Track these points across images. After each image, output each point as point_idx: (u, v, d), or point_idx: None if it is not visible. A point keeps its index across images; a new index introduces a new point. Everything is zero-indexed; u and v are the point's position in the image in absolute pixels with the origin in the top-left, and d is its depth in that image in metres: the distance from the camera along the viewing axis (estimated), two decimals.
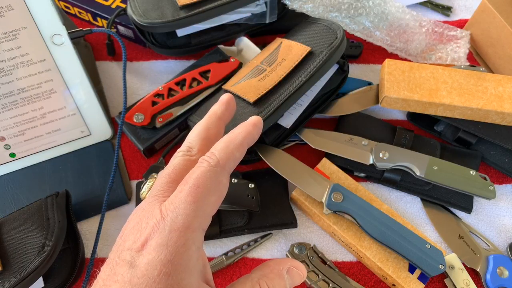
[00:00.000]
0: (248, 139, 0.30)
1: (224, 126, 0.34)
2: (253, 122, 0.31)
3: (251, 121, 0.31)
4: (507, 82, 0.57)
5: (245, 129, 0.30)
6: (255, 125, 0.31)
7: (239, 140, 0.29)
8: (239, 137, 0.30)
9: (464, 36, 0.68)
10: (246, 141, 0.30)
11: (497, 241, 0.54)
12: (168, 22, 0.55)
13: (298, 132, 0.57)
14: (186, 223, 0.25)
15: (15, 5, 0.46)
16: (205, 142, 0.31)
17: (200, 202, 0.26)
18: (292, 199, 0.54)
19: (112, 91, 0.64)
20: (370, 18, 0.63)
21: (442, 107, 0.55)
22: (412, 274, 0.48)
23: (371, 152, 0.54)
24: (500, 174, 0.59)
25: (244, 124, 0.31)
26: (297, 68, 0.53)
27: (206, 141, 0.31)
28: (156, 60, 0.67)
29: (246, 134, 0.30)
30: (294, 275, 0.30)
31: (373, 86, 0.61)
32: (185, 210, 0.25)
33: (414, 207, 0.56)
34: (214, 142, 0.30)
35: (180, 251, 0.24)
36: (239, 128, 0.31)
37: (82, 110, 0.55)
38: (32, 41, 0.49)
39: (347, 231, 0.50)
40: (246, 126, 0.31)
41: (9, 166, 0.54)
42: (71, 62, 0.52)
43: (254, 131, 0.31)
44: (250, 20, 0.63)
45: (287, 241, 0.52)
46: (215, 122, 0.33)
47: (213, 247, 0.52)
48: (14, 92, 0.50)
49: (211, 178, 0.27)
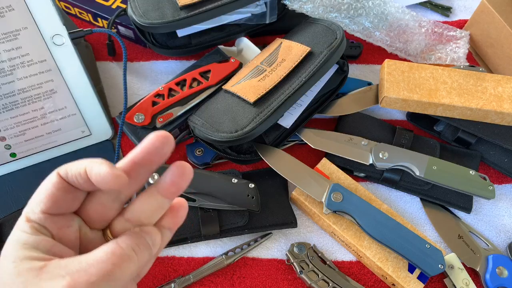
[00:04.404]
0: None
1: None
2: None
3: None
4: (506, 82, 0.57)
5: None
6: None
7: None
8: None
9: (464, 36, 0.68)
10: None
11: (497, 241, 0.54)
12: (168, 23, 0.55)
13: (298, 132, 0.57)
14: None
15: (16, 5, 0.46)
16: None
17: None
18: (292, 199, 0.54)
19: (113, 91, 0.64)
20: (370, 19, 0.63)
21: (441, 107, 0.55)
22: (412, 273, 0.48)
23: (371, 152, 0.54)
24: (499, 174, 0.59)
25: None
26: (297, 68, 0.53)
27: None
28: (156, 61, 0.67)
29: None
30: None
31: (372, 86, 0.62)
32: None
33: (413, 207, 0.56)
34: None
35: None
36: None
37: (83, 110, 0.55)
38: (32, 42, 0.49)
39: (347, 230, 0.50)
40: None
41: (10, 166, 0.54)
42: (72, 63, 0.52)
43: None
44: (250, 21, 0.63)
45: (287, 241, 0.52)
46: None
47: (213, 246, 0.52)
48: (15, 92, 0.50)
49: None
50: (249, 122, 0.49)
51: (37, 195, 0.25)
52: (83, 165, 0.25)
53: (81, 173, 0.25)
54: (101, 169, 0.24)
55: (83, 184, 0.25)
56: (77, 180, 0.25)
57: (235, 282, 0.49)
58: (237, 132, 0.49)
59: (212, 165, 0.57)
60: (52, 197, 0.25)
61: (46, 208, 0.25)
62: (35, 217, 0.25)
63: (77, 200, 0.26)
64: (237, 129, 0.49)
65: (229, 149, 0.54)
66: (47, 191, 0.25)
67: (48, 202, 0.25)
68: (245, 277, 0.50)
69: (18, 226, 0.25)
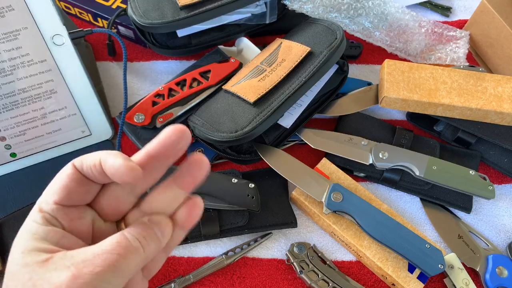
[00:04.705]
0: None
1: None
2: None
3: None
4: (506, 82, 0.57)
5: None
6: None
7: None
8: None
9: (464, 36, 0.68)
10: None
11: (497, 240, 0.54)
12: (168, 23, 0.55)
13: (298, 132, 0.57)
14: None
15: (16, 5, 0.47)
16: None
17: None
18: (292, 199, 0.54)
19: (113, 91, 0.64)
20: (370, 19, 0.63)
21: (441, 107, 0.56)
22: (412, 273, 0.48)
23: (371, 152, 0.54)
24: (499, 174, 0.59)
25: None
26: (297, 68, 0.53)
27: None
28: (156, 61, 0.67)
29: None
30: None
31: (372, 86, 0.62)
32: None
33: (413, 207, 0.56)
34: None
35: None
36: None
37: (83, 110, 0.55)
38: (32, 42, 0.49)
39: (347, 230, 0.50)
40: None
41: (10, 166, 0.54)
42: (72, 63, 0.52)
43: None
44: (250, 21, 0.63)
45: (287, 241, 0.52)
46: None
47: (213, 246, 0.52)
48: (15, 92, 0.50)
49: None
50: (249, 122, 0.49)
51: (52, 186, 0.25)
52: (98, 156, 0.25)
53: (96, 164, 0.24)
54: (116, 161, 0.24)
55: (97, 176, 0.25)
56: (91, 172, 0.25)
57: (235, 282, 0.49)
58: (237, 132, 0.49)
59: (212, 165, 0.57)
60: (66, 188, 0.25)
61: (59, 199, 0.25)
62: (48, 208, 0.25)
63: (90, 192, 0.26)
64: (237, 129, 0.49)
65: (229, 149, 0.54)
66: (61, 182, 0.25)
67: (62, 193, 0.25)
68: (245, 277, 0.50)
69: (30, 216, 0.25)
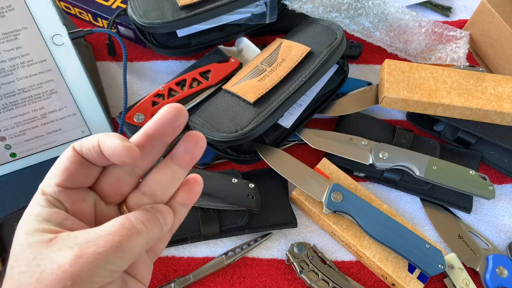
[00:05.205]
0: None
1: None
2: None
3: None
4: (506, 82, 0.57)
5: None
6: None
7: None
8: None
9: (464, 36, 0.68)
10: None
11: (497, 240, 0.54)
12: (168, 23, 0.55)
13: (298, 132, 0.57)
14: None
15: (16, 5, 0.47)
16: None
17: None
18: (292, 199, 0.54)
19: (113, 91, 0.64)
20: (370, 19, 0.63)
21: (441, 107, 0.56)
22: (412, 273, 0.48)
23: (371, 152, 0.54)
24: (499, 174, 0.59)
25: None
26: (297, 68, 0.53)
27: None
28: (156, 61, 0.67)
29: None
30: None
31: (372, 86, 0.62)
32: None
33: (413, 207, 0.56)
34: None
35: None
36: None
37: (83, 110, 0.55)
38: (32, 42, 0.49)
39: (347, 230, 0.50)
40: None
41: (10, 166, 0.54)
42: (72, 63, 0.52)
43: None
44: (250, 21, 0.63)
45: (287, 241, 0.52)
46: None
47: (213, 246, 0.52)
48: (15, 92, 0.50)
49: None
50: (249, 122, 0.49)
51: (53, 169, 0.26)
52: (96, 138, 0.25)
53: (94, 146, 0.25)
54: (113, 142, 0.24)
55: (97, 158, 0.25)
56: (91, 153, 0.25)
57: (235, 282, 0.49)
58: (237, 132, 0.49)
59: (212, 165, 0.57)
60: (67, 170, 0.25)
61: (60, 182, 0.25)
62: (50, 190, 0.25)
63: (91, 174, 0.27)
64: (237, 129, 0.49)
65: (229, 149, 0.54)
66: (62, 164, 0.25)
67: (63, 176, 0.25)
68: (245, 277, 0.50)
69: (34, 199, 0.26)
